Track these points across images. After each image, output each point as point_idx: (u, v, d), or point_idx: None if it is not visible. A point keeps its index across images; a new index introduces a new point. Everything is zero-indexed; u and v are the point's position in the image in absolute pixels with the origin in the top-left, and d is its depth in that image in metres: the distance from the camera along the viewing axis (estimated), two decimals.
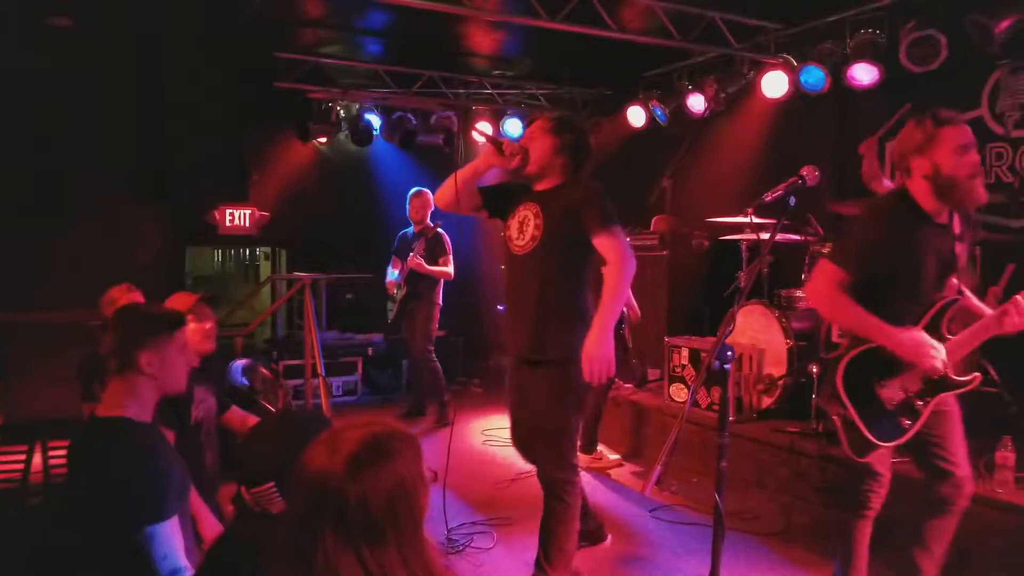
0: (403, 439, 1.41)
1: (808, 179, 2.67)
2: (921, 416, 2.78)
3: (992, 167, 5.54)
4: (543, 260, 3.19)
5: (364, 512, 1.31)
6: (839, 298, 2.68)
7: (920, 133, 2.79)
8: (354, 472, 1.33)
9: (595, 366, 2.98)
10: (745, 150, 6.90)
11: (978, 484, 3.56)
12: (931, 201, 2.75)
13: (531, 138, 3.29)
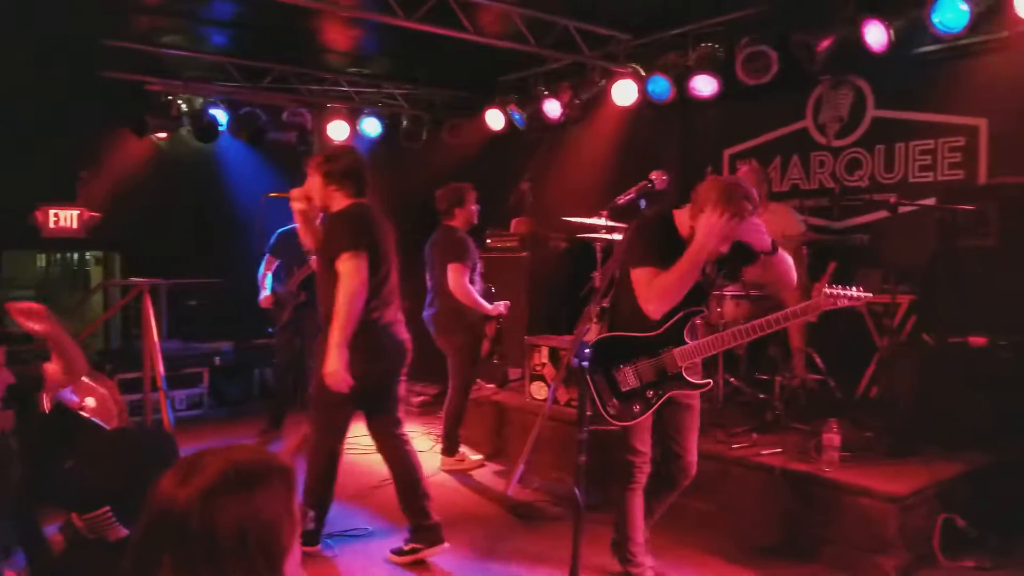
0: (271, 472, 1.32)
1: (657, 183, 2.81)
2: (653, 405, 3.23)
3: (815, 174, 6.06)
4: (321, 276, 3.70)
5: (209, 543, 1.23)
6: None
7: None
8: (205, 501, 1.24)
9: (327, 381, 3.45)
10: (599, 155, 7.16)
11: (808, 464, 3.89)
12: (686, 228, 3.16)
13: (309, 178, 3.72)
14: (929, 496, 3.66)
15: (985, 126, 5.10)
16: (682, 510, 4.21)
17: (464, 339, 5.18)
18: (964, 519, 3.67)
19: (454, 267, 5.00)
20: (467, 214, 5.26)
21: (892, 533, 3.51)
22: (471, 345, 5.21)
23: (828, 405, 4.91)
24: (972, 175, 5.14)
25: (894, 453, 4.04)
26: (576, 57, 6.53)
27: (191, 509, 1.23)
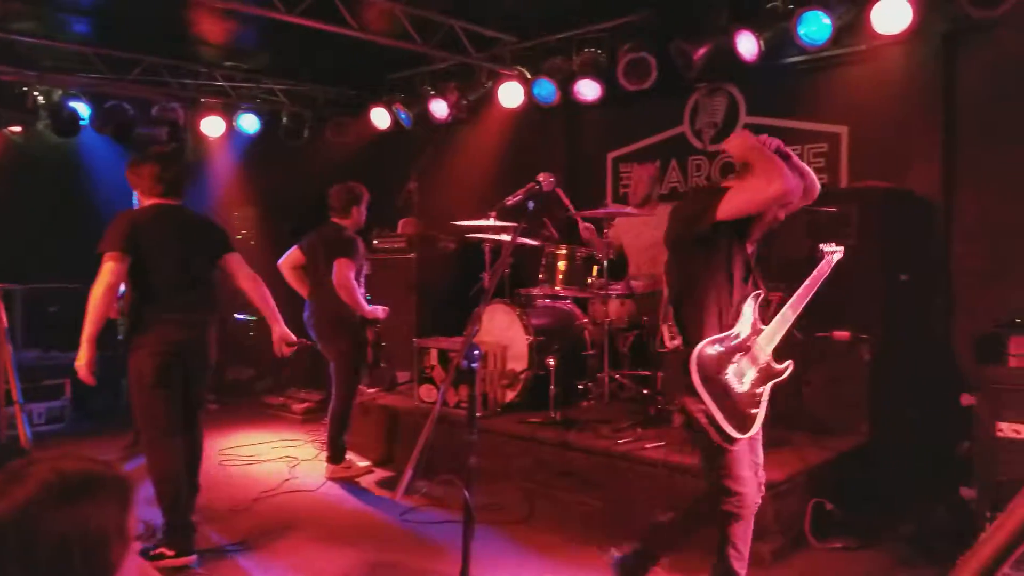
0: (102, 483, 1.23)
1: (544, 184, 2.81)
2: (762, 404, 2.89)
3: (693, 177, 6.30)
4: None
5: (27, 559, 1.13)
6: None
7: None
8: (23, 513, 1.14)
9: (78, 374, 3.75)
10: (487, 156, 7.17)
11: (689, 456, 4.01)
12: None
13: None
14: (801, 482, 3.86)
15: (846, 133, 5.45)
16: (571, 506, 4.28)
17: (346, 344, 5.04)
18: (832, 502, 3.88)
19: (342, 262, 4.84)
20: (360, 215, 5.14)
21: (768, 519, 3.67)
22: (353, 350, 5.07)
23: None
24: (835, 179, 5.48)
25: (769, 442, 4.22)
26: (463, 58, 6.51)
27: (7, 522, 1.13)
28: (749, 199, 2.77)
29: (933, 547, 3.66)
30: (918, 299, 4.85)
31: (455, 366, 2.34)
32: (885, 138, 5.16)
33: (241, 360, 7.71)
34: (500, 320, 5.14)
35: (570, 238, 5.72)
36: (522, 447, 4.64)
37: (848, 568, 3.61)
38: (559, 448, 4.45)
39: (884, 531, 3.90)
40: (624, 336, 5.18)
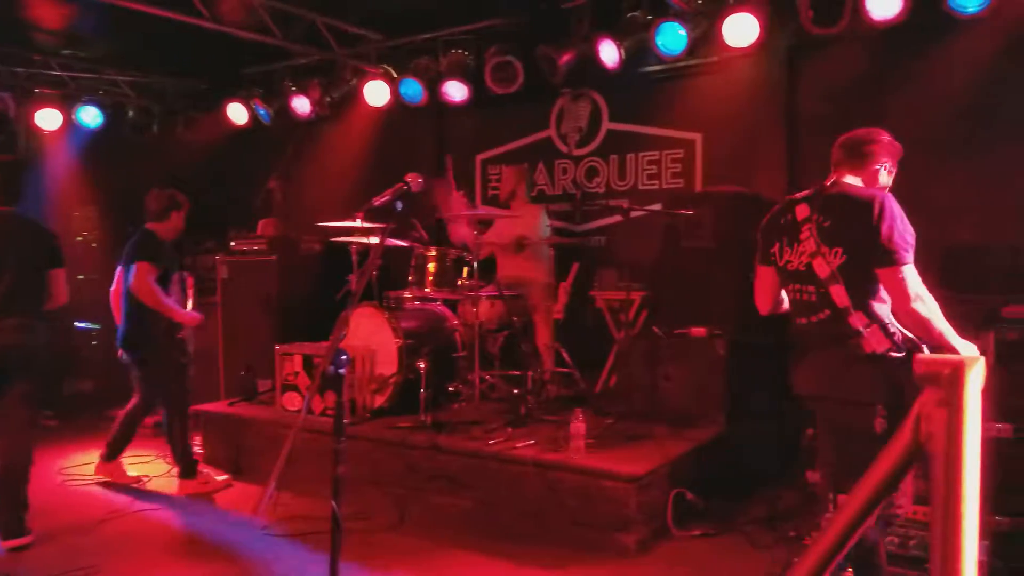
0: None
1: (413, 185, 2.76)
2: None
3: (559, 180, 6.43)
4: None
5: None
6: None
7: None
8: None
9: None
10: (353, 155, 7.00)
11: (558, 453, 4.09)
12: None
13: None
14: (662, 474, 4.00)
15: (700, 140, 5.74)
16: (442, 510, 4.24)
17: (159, 353, 4.73)
18: (692, 492, 4.06)
19: (141, 266, 4.53)
20: (179, 221, 4.84)
21: (632, 511, 3.79)
22: (169, 358, 4.75)
23: (575, 397, 5.23)
24: (690, 184, 5.76)
25: (632, 437, 4.38)
26: (326, 54, 6.33)
27: None
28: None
29: (783, 528, 3.90)
30: None
31: (321, 372, 2.24)
32: (736, 145, 5.47)
33: (82, 372, 7.13)
34: (369, 324, 5.02)
35: (439, 239, 5.69)
36: (392, 452, 4.55)
37: (707, 554, 3.77)
38: (430, 451, 4.40)
39: (739, 516, 4.12)
40: (494, 337, 5.20)
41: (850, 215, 2.63)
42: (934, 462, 1.23)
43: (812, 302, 2.72)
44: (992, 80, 4.41)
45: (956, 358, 1.22)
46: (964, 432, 1.21)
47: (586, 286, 5.75)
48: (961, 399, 1.22)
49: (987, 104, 4.36)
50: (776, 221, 2.90)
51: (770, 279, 2.99)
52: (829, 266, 2.63)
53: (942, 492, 1.22)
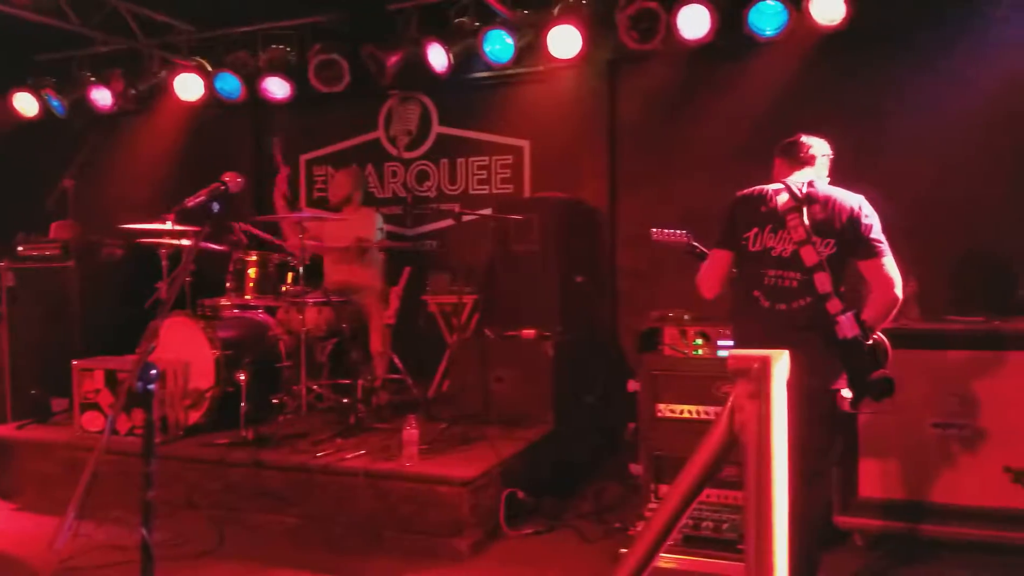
0: None
1: (231, 185, 2.59)
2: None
3: (389, 183, 6.34)
4: None
5: None
6: None
7: None
8: None
9: None
10: (162, 153, 6.52)
11: (391, 462, 4.00)
12: None
13: None
14: (495, 475, 4.03)
15: (528, 147, 5.88)
16: (266, 529, 4.02)
17: None
18: (524, 491, 4.12)
19: None
20: None
21: (466, 514, 3.78)
22: None
23: (407, 403, 5.16)
24: (519, 189, 5.89)
25: (465, 440, 4.38)
26: (131, 43, 5.84)
27: None
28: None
29: (610, 520, 4.05)
30: (591, 298, 5.38)
31: (127, 389, 2.03)
32: (562, 152, 5.65)
33: None
34: (181, 334, 4.67)
35: (260, 243, 5.40)
36: (209, 471, 4.25)
37: (539, 550, 3.84)
38: (252, 468, 4.16)
39: (568, 511, 4.23)
40: (322, 345, 5.02)
41: (840, 210, 2.83)
42: (747, 450, 1.31)
43: (793, 288, 2.83)
44: (787, 95, 4.83)
45: (766, 353, 1.30)
46: (772, 421, 1.29)
47: (418, 290, 5.70)
48: (769, 391, 1.30)
49: (782, 116, 4.79)
50: (754, 208, 2.96)
51: (727, 263, 3.06)
52: (819, 255, 2.78)
53: (754, 477, 1.29)
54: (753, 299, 2.91)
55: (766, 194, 2.95)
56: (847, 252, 2.82)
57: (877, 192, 4.52)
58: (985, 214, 4.41)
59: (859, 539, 3.70)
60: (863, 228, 2.81)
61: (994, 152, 4.39)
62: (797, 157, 3.03)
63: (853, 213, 2.82)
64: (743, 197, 3.02)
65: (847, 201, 2.86)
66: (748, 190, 3.02)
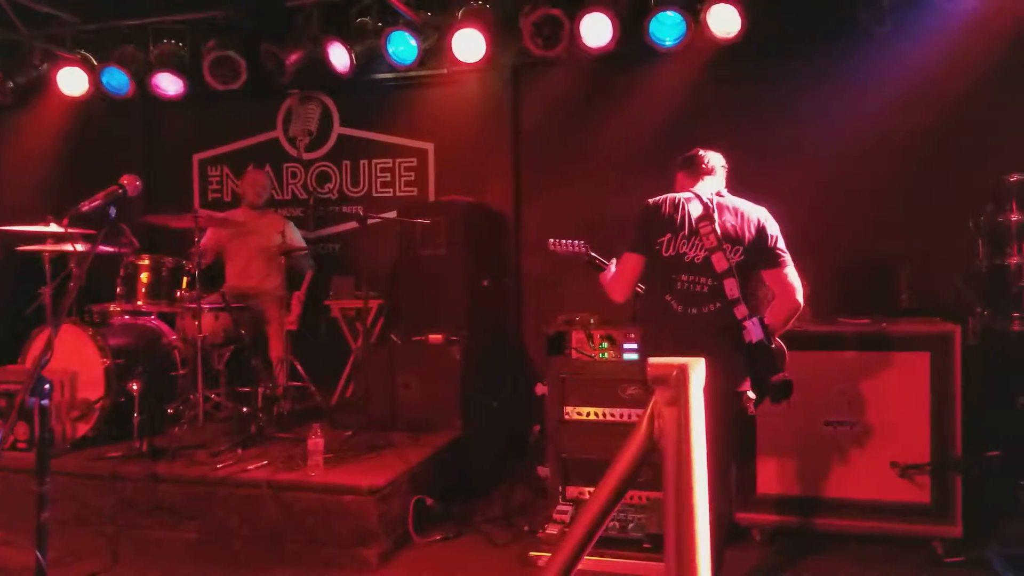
0: None
1: (129, 189, 2.48)
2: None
3: (288, 184, 6.17)
4: None
5: None
6: None
7: None
8: None
9: None
10: (43, 151, 6.14)
11: (295, 472, 3.91)
12: None
13: None
14: (403, 483, 3.99)
15: (432, 150, 5.85)
16: (163, 545, 3.84)
17: None
18: (432, 497, 4.10)
19: None
20: None
21: (373, 523, 3.73)
22: None
23: (311, 411, 5.04)
24: (424, 192, 5.85)
25: (372, 447, 4.32)
26: (10, 33, 5.46)
27: None
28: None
29: (518, 523, 4.09)
30: (497, 302, 5.42)
31: (19, 403, 1.91)
32: (467, 156, 5.66)
33: None
34: (67, 342, 4.40)
35: (152, 247, 5.15)
36: (100, 486, 4.03)
37: (448, 556, 3.83)
38: (147, 482, 3.97)
39: (477, 516, 4.24)
40: (220, 352, 4.83)
41: (748, 221, 2.98)
42: (666, 454, 1.36)
43: (704, 293, 2.94)
44: (686, 104, 5.00)
45: (683, 361, 1.36)
46: (691, 426, 1.35)
47: (320, 295, 5.58)
48: (687, 398, 1.36)
49: (682, 125, 4.97)
50: (667, 215, 3.03)
51: (639, 268, 3.12)
52: (728, 262, 2.91)
53: (674, 480, 1.35)
54: (665, 303, 3.00)
55: (678, 202, 3.06)
56: (753, 260, 2.98)
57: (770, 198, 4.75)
58: (873, 221, 4.70)
59: (757, 534, 3.88)
60: (768, 239, 2.97)
61: (880, 162, 4.68)
62: (698, 169, 3.17)
63: (759, 224, 2.98)
64: (656, 204, 3.11)
65: (754, 212, 3.02)
66: (660, 198, 3.12)
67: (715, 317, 2.93)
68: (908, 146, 4.62)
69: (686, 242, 2.99)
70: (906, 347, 3.70)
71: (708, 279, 2.94)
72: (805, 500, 3.78)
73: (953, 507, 3.60)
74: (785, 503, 3.81)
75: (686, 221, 2.99)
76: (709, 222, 2.96)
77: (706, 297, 2.95)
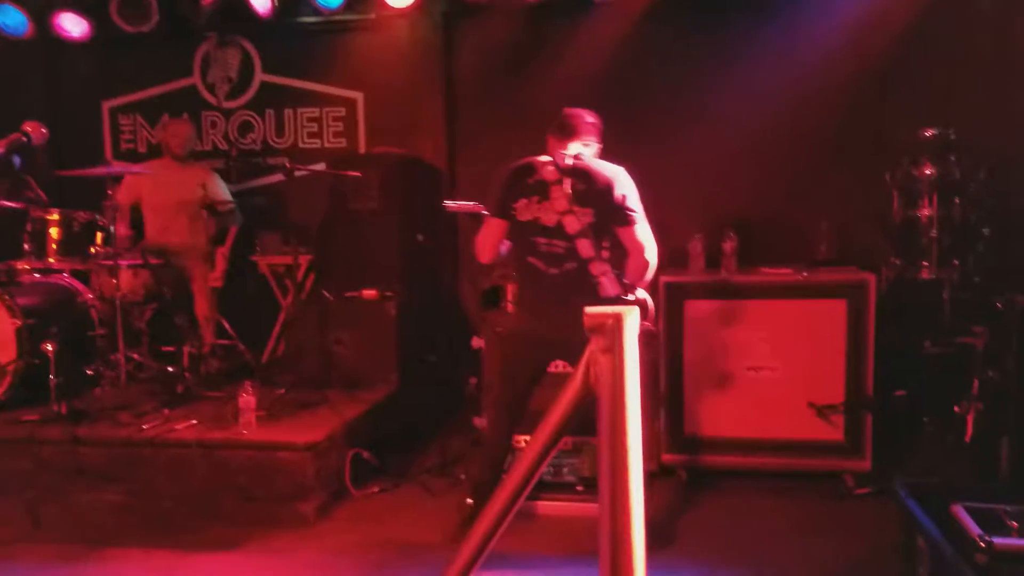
0: None
1: (34, 136, 2.34)
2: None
3: (208, 134, 5.92)
4: None
5: None
6: None
7: None
8: None
9: None
10: None
11: (226, 430, 3.84)
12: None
13: None
14: (339, 438, 3.98)
15: (362, 99, 5.67)
16: (88, 509, 3.74)
17: None
18: (369, 451, 4.10)
19: None
20: None
21: (310, 478, 3.72)
22: None
23: (240, 369, 4.94)
24: (354, 144, 5.69)
25: (306, 404, 4.28)
26: None
27: None
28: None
29: (455, 473, 4.14)
30: (433, 257, 5.36)
31: None
32: (398, 106, 5.48)
33: None
34: None
35: (61, 201, 4.88)
36: (16, 451, 3.88)
37: (386, 508, 3.86)
38: (67, 445, 3.83)
39: (414, 468, 4.28)
40: (141, 310, 4.65)
41: (598, 182, 3.06)
42: (601, 401, 1.38)
43: (560, 254, 3.07)
44: (618, 56, 4.95)
45: (618, 310, 1.37)
46: (626, 375, 1.36)
47: (246, 250, 5.42)
48: (623, 346, 1.37)
49: (615, 75, 4.95)
50: (521, 180, 3.13)
51: (501, 231, 3.21)
52: (579, 223, 3.02)
53: (609, 426, 1.37)
54: (530, 266, 3.16)
55: (535, 166, 3.14)
56: (606, 220, 3.08)
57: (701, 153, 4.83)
58: (796, 176, 4.78)
59: (683, 474, 4.05)
60: (617, 199, 3.07)
61: (805, 119, 4.75)
62: (565, 130, 3.24)
63: (609, 185, 3.08)
64: (514, 169, 3.20)
65: (605, 173, 3.12)
66: (518, 162, 3.21)
67: (574, 276, 3.08)
68: (831, 103, 4.72)
69: (539, 206, 3.10)
70: (825, 295, 3.89)
71: (562, 241, 3.08)
72: (728, 440, 3.98)
73: (864, 443, 3.86)
74: (709, 444, 4.00)
75: (539, 186, 3.09)
76: (559, 186, 3.06)
77: (563, 258, 3.09)
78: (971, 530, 2.38)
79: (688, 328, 4.00)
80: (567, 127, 3.24)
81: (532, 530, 3.43)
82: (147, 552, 3.41)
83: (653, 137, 4.87)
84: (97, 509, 3.75)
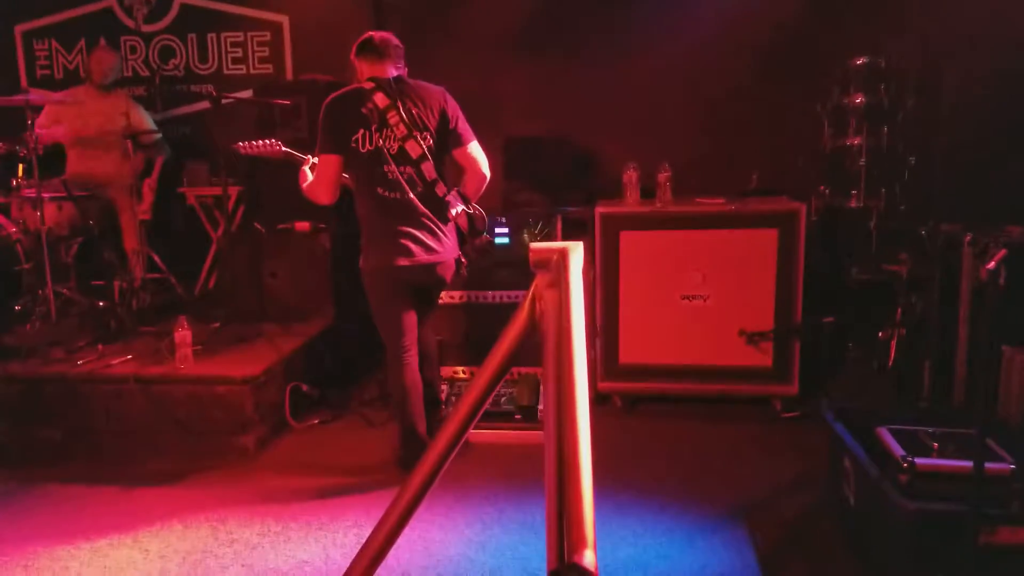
0: None
1: None
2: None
3: (128, 60, 5.62)
4: None
5: None
6: None
7: None
8: None
9: None
10: None
11: (163, 365, 3.80)
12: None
13: None
14: (277, 371, 3.98)
15: (288, 23, 5.45)
16: (28, 446, 3.69)
17: None
18: (307, 383, 4.12)
19: None
20: None
21: (249, 411, 3.73)
22: None
23: (172, 304, 4.84)
24: (281, 70, 5.49)
25: (242, 339, 4.24)
26: None
27: None
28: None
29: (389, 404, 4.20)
30: None
31: None
32: (325, 30, 5.26)
33: None
34: None
35: None
36: None
37: (327, 439, 3.91)
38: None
39: (353, 400, 4.32)
40: (67, 244, 4.49)
41: (430, 104, 3.11)
42: (547, 334, 1.44)
43: (408, 180, 3.10)
44: None
45: (563, 245, 1.42)
46: (571, 308, 1.42)
47: (175, 182, 5.24)
48: (568, 280, 1.43)
49: (546, 10, 4.88)
50: (354, 109, 3.06)
51: (338, 167, 3.15)
52: (421, 147, 3.07)
53: (554, 359, 1.43)
54: (378, 196, 3.14)
55: (363, 94, 3.08)
56: (442, 141, 3.16)
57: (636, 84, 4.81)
58: (730, 107, 4.82)
59: (619, 401, 4.19)
60: (451, 120, 3.14)
61: (737, 50, 4.75)
62: (377, 54, 3.15)
63: (441, 107, 3.14)
64: (339, 99, 3.13)
65: (434, 95, 3.16)
66: (341, 91, 3.16)
67: (422, 199, 3.14)
68: (764, 33, 4.74)
69: (379, 135, 3.08)
70: (756, 225, 3.97)
71: (407, 167, 3.10)
72: (662, 368, 4.09)
73: (792, 369, 4.01)
74: (644, 371, 4.11)
75: (374, 114, 3.05)
76: (395, 111, 3.05)
77: (412, 183, 3.12)
78: (895, 451, 2.50)
79: (623, 258, 4.04)
80: (380, 50, 3.12)
81: (470, 458, 3.48)
82: (89, 488, 3.40)
83: (588, 66, 4.86)
84: (33, 447, 3.70)
